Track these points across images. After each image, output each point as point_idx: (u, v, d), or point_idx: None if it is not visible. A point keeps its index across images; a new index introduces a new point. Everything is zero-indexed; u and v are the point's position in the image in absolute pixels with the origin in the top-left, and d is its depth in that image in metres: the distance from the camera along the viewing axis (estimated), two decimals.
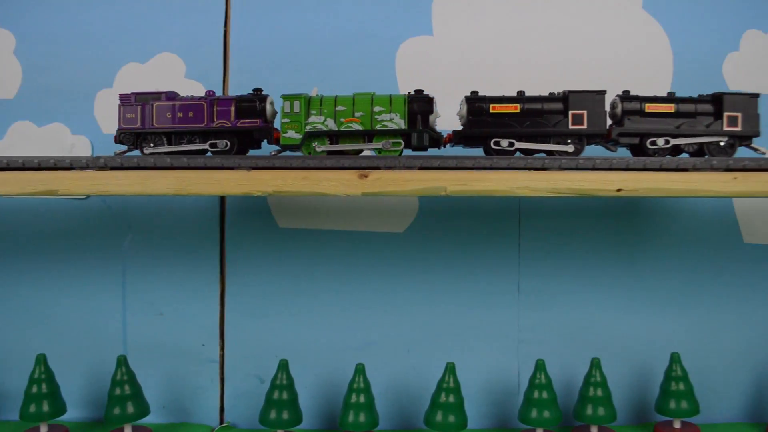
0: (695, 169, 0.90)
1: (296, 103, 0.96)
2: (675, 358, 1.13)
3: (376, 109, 0.96)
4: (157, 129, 0.98)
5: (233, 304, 1.20)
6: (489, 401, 1.20)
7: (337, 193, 0.88)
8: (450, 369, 1.07)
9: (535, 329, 1.21)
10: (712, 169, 0.90)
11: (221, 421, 1.20)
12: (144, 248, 1.20)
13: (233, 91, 1.19)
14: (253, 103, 0.98)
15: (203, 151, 0.99)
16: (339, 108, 0.96)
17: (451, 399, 1.06)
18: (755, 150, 1.01)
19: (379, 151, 0.96)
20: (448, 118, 1.05)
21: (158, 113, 0.98)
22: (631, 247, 1.21)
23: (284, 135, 0.97)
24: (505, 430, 1.19)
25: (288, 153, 0.99)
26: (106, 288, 1.20)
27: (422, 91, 0.97)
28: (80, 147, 1.19)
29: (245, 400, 1.10)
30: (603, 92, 0.95)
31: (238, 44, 1.20)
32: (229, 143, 0.98)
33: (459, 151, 1.05)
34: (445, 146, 1.00)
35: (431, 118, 0.96)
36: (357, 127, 0.96)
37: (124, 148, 1.00)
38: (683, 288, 1.22)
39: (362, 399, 1.07)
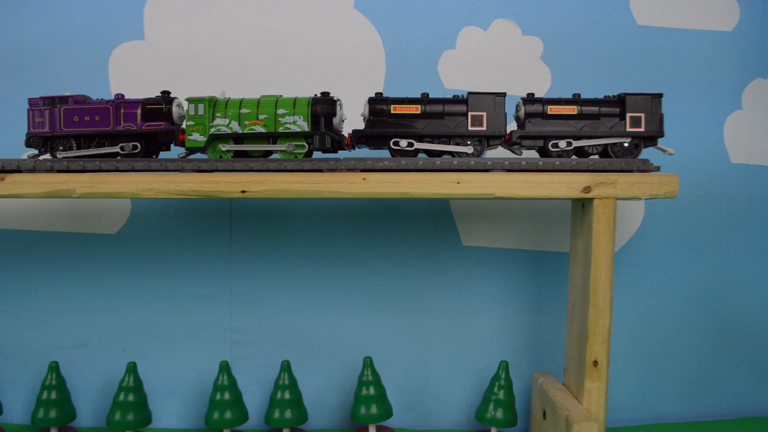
0: (329, 170, 0.92)
1: (200, 106, 0.97)
2: (366, 363, 1.10)
3: (280, 111, 0.96)
4: (66, 132, 0.99)
5: None
6: (202, 402, 1.20)
7: None
8: (130, 369, 1.08)
9: (247, 331, 1.22)
10: (348, 170, 0.92)
11: None
12: None
13: None
14: (160, 105, 0.98)
15: (114, 154, 0.99)
16: (243, 110, 0.97)
17: (131, 398, 1.07)
18: (662, 151, 1.01)
19: (284, 153, 0.96)
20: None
21: (66, 117, 0.99)
22: (346, 250, 1.21)
23: (189, 138, 0.97)
24: (192, 430, 1.20)
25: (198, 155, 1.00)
26: None
27: (328, 93, 0.98)
28: None
29: None
30: (503, 94, 0.95)
31: None
32: (136, 146, 0.98)
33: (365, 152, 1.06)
34: (354, 148, 1.00)
35: (335, 120, 0.97)
36: (260, 129, 0.96)
37: (36, 151, 1.01)
38: (399, 291, 1.21)
39: (54, 395, 1.09)
